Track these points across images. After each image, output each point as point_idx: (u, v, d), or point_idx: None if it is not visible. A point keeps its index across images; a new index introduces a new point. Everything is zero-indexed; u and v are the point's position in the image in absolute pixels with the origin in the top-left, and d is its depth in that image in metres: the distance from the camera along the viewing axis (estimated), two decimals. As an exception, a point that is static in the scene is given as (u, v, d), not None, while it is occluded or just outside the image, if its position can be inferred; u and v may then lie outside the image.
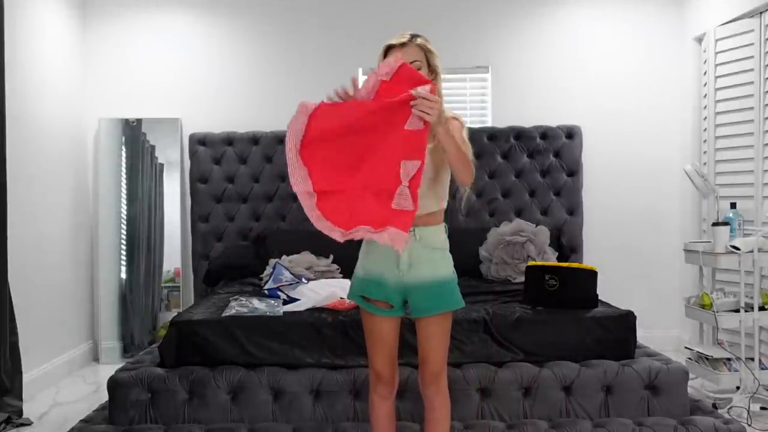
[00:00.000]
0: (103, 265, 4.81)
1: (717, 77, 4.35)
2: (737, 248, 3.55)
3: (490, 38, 4.92)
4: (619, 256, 4.88)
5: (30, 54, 4.10)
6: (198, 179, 4.80)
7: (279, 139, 4.81)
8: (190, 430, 2.86)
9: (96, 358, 4.84)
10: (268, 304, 3.30)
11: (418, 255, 2.32)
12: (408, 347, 2.76)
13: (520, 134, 4.81)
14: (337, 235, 2.23)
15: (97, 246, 4.86)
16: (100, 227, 4.83)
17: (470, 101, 5.03)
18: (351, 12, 4.92)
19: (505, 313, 3.15)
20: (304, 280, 3.69)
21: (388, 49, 2.34)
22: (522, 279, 3.66)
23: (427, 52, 2.34)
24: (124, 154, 4.88)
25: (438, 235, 2.37)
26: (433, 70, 2.35)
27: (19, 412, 3.51)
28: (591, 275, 3.33)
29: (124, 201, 4.86)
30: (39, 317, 4.09)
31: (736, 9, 4.17)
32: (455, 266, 2.40)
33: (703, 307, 3.71)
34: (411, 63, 2.28)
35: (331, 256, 4.15)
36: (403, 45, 2.32)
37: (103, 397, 3.26)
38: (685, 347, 3.95)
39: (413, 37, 2.34)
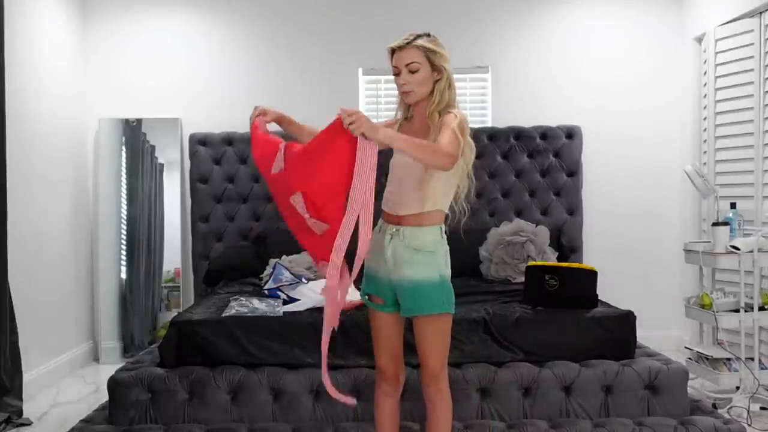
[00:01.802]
0: (103, 265, 4.81)
1: (717, 77, 4.35)
2: (737, 248, 3.55)
3: (490, 38, 4.92)
4: (619, 256, 4.88)
5: (30, 54, 4.10)
6: (198, 179, 4.80)
7: (279, 139, 4.81)
8: (190, 430, 2.86)
9: (96, 358, 4.84)
10: (268, 304, 3.30)
11: (401, 254, 2.31)
12: (408, 347, 2.75)
13: (519, 134, 4.81)
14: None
15: (97, 246, 4.85)
16: (100, 227, 4.83)
17: (470, 101, 5.02)
18: (351, 12, 4.91)
19: (505, 313, 3.15)
20: (304, 280, 3.69)
21: (394, 52, 2.33)
22: (522, 279, 3.66)
23: (428, 53, 2.28)
24: (124, 154, 4.88)
25: (425, 236, 2.30)
26: (437, 70, 2.30)
27: (19, 412, 3.51)
28: (591, 275, 3.33)
29: (124, 201, 4.86)
30: (39, 317, 4.09)
31: (736, 9, 4.17)
32: (455, 266, 2.39)
33: (703, 307, 3.71)
34: (408, 64, 2.28)
35: (331, 256, 4.14)
36: (400, 48, 2.30)
37: (103, 397, 3.26)
38: (685, 347, 3.95)
39: (415, 37, 2.30)
